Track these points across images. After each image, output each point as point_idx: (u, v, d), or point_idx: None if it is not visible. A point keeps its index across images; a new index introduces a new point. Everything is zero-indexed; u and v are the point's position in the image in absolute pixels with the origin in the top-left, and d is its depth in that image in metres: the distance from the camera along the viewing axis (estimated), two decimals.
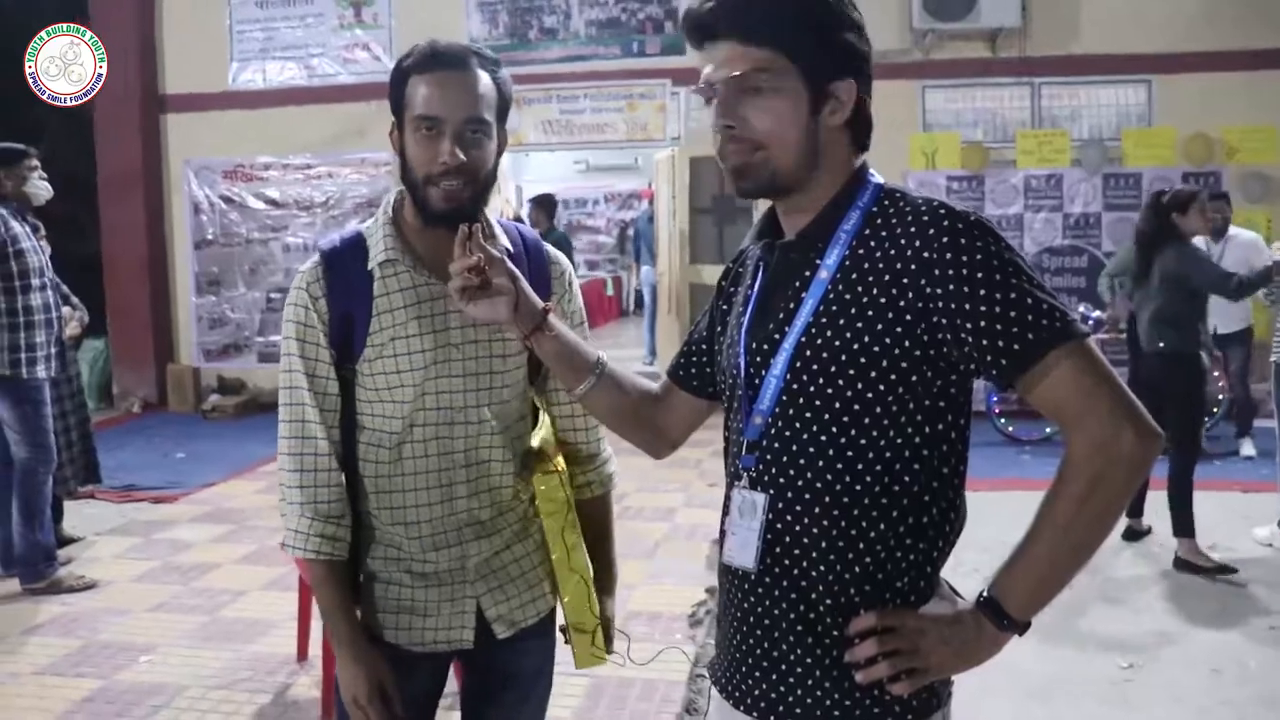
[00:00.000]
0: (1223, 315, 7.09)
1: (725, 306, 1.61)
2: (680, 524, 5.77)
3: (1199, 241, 7.18)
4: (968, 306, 1.28)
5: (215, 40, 9.69)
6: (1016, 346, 1.27)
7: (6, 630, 4.36)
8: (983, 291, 1.27)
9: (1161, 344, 5.11)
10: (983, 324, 1.27)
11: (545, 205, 9.29)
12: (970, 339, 1.29)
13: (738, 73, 1.36)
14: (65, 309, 5.38)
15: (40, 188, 4.90)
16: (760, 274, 1.50)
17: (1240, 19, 8.23)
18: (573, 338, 1.69)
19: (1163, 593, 4.68)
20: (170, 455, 7.82)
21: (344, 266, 1.79)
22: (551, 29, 9.26)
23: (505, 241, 1.85)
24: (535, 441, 1.92)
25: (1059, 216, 8.64)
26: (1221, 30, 8.24)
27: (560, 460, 1.92)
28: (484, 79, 1.73)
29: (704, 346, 1.66)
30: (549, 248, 1.96)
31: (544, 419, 1.97)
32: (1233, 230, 7.21)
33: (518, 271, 1.63)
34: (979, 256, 1.28)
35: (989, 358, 1.29)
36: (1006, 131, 8.73)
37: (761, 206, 1.55)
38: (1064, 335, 1.27)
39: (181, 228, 9.96)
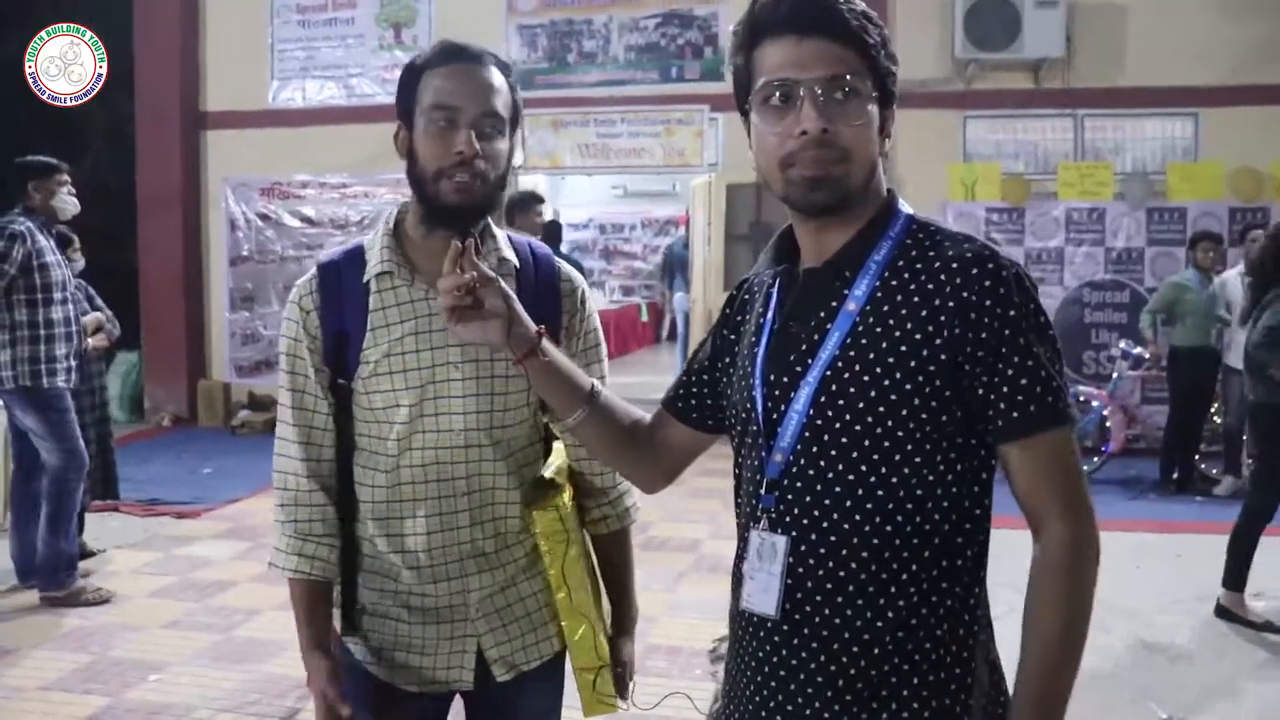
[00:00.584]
0: None
1: (733, 336, 1.53)
2: (705, 555, 5.66)
3: (1233, 275, 7.06)
4: (990, 359, 1.26)
5: (256, 58, 9.77)
6: (1016, 415, 1.26)
7: (18, 643, 4.32)
8: (1005, 350, 1.26)
9: (1251, 396, 4.89)
10: (996, 379, 1.26)
11: (550, 231, 9.21)
12: (981, 390, 1.27)
13: (833, 73, 1.27)
14: (94, 315, 5.38)
15: (68, 203, 4.91)
16: (776, 302, 1.41)
17: None
18: (568, 365, 1.58)
19: (1205, 642, 4.50)
20: (197, 470, 7.81)
21: (340, 279, 1.71)
22: (591, 53, 9.25)
23: (511, 255, 1.75)
24: (548, 472, 1.81)
25: (1100, 250, 8.46)
26: (1270, 63, 8.08)
27: (566, 494, 1.80)
28: (499, 76, 1.68)
29: (705, 377, 1.57)
30: (562, 264, 1.84)
31: (557, 447, 1.85)
32: None
33: (510, 292, 1.52)
34: (1013, 313, 1.26)
35: (989, 412, 1.28)
36: (1048, 163, 8.59)
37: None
38: (1061, 419, 1.27)
39: (218, 244, 10.02)
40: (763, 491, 1.35)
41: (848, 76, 1.28)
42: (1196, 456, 7.46)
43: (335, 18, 9.61)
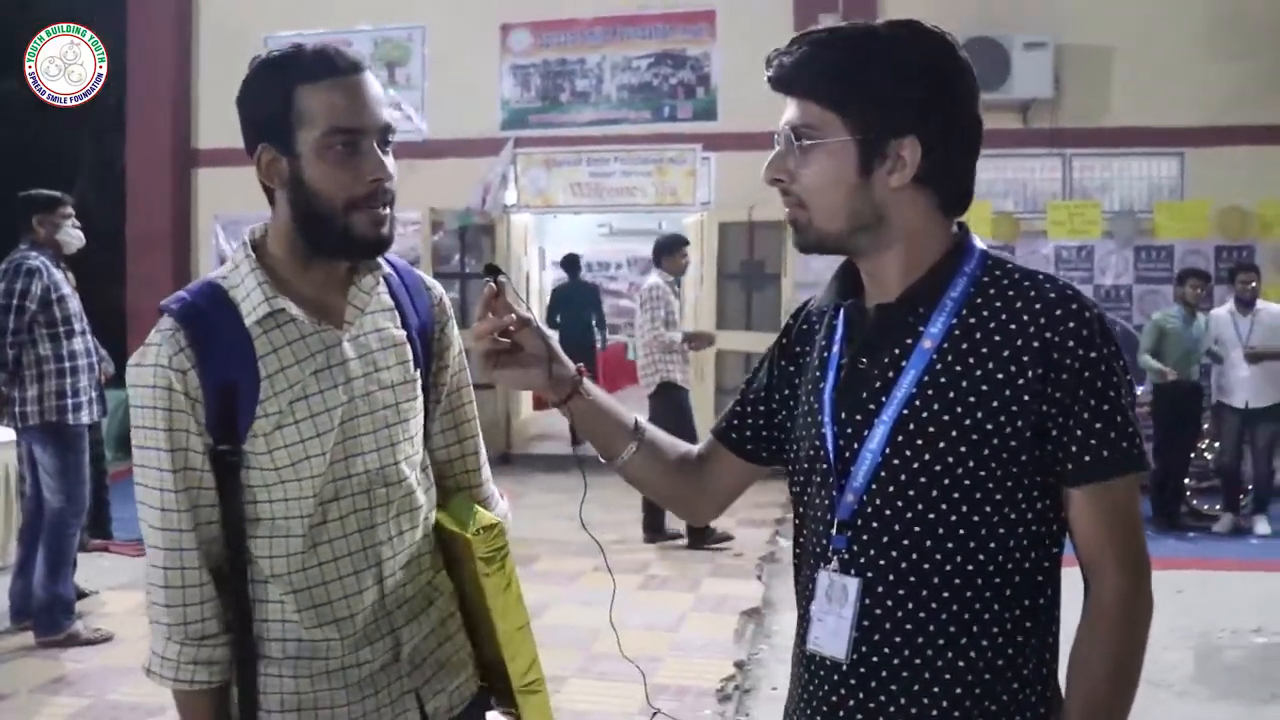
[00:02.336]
0: (1256, 389, 7.00)
1: (791, 368, 1.49)
2: (707, 595, 5.61)
3: (1224, 313, 7.15)
4: (1068, 401, 1.25)
5: None
6: (1088, 459, 1.26)
7: (15, 686, 4.24)
8: (1083, 392, 1.25)
9: None
10: (1071, 422, 1.25)
11: (569, 263, 9.82)
12: (1055, 432, 1.26)
13: (787, 127, 1.33)
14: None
15: (73, 236, 4.91)
16: (841, 336, 1.39)
17: (1274, 94, 8.20)
18: (610, 401, 1.54)
19: (1212, 677, 4.51)
20: None
21: (209, 326, 1.45)
22: (584, 92, 9.32)
23: (383, 263, 1.60)
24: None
25: (1089, 288, 8.53)
26: (1255, 105, 8.21)
27: (484, 514, 1.66)
28: (378, 84, 1.49)
29: (760, 408, 1.53)
30: (421, 273, 1.70)
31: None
32: (1261, 303, 7.15)
33: (548, 331, 1.49)
34: (1093, 355, 1.25)
35: (1060, 454, 1.26)
36: (1037, 202, 8.69)
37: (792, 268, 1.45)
38: (1135, 464, 1.27)
39: None
40: (834, 532, 1.33)
41: (802, 128, 1.31)
42: (1188, 493, 7.52)
43: None
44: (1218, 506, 7.35)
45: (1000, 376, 1.25)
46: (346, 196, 1.44)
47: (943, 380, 1.27)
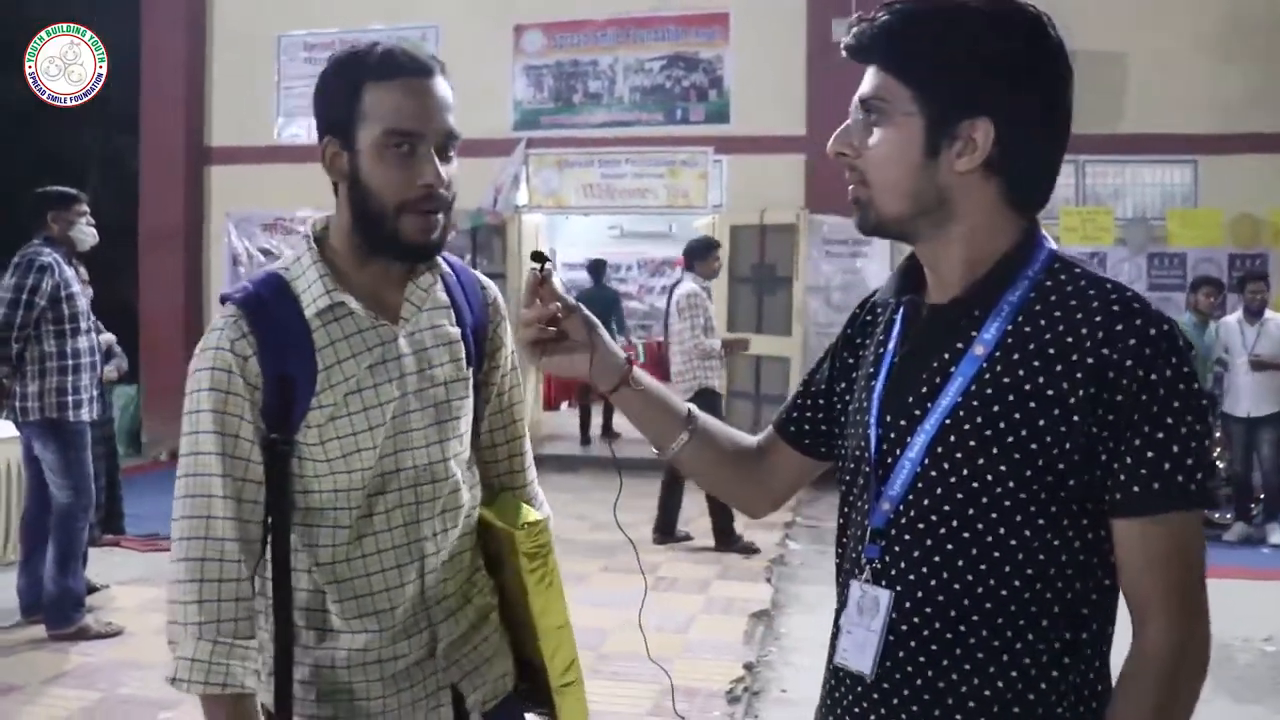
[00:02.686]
0: (1257, 398, 6.99)
1: (851, 360, 1.42)
2: (716, 597, 5.61)
3: (1232, 321, 7.14)
4: (1121, 425, 1.13)
5: (263, 94, 9.83)
6: (1137, 490, 1.13)
7: (26, 679, 4.25)
8: (1138, 417, 1.13)
9: None
10: (1122, 449, 1.13)
11: (595, 268, 10.03)
12: (1104, 457, 1.14)
13: (859, 98, 1.24)
14: (107, 336, 5.38)
15: (87, 233, 4.92)
16: (897, 334, 1.32)
17: None
18: (661, 390, 1.49)
19: (1224, 687, 4.48)
20: None
21: (271, 317, 1.46)
22: (596, 94, 9.32)
23: (441, 262, 1.62)
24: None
25: None
26: (1268, 112, 8.19)
27: (528, 510, 1.68)
28: (449, 87, 1.49)
29: (821, 401, 1.46)
30: (477, 273, 1.71)
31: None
32: (1270, 313, 7.12)
33: (595, 320, 1.44)
34: (1154, 377, 1.13)
35: (1108, 483, 1.15)
36: (1050, 208, 8.47)
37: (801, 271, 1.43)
38: (1191, 500, 1.14)
39: (219, 279, 10.00)
40: (868, 540, 1.26)
41: (872, 100, 1.23)
42: None
43: None
44: (1229, 515, 7.32)
45: (1050, 393, 1.15)
46: (398, 199, 1.44)
47: (990, 391, 1.18)
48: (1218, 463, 7.57)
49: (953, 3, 1.21)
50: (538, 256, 1.43)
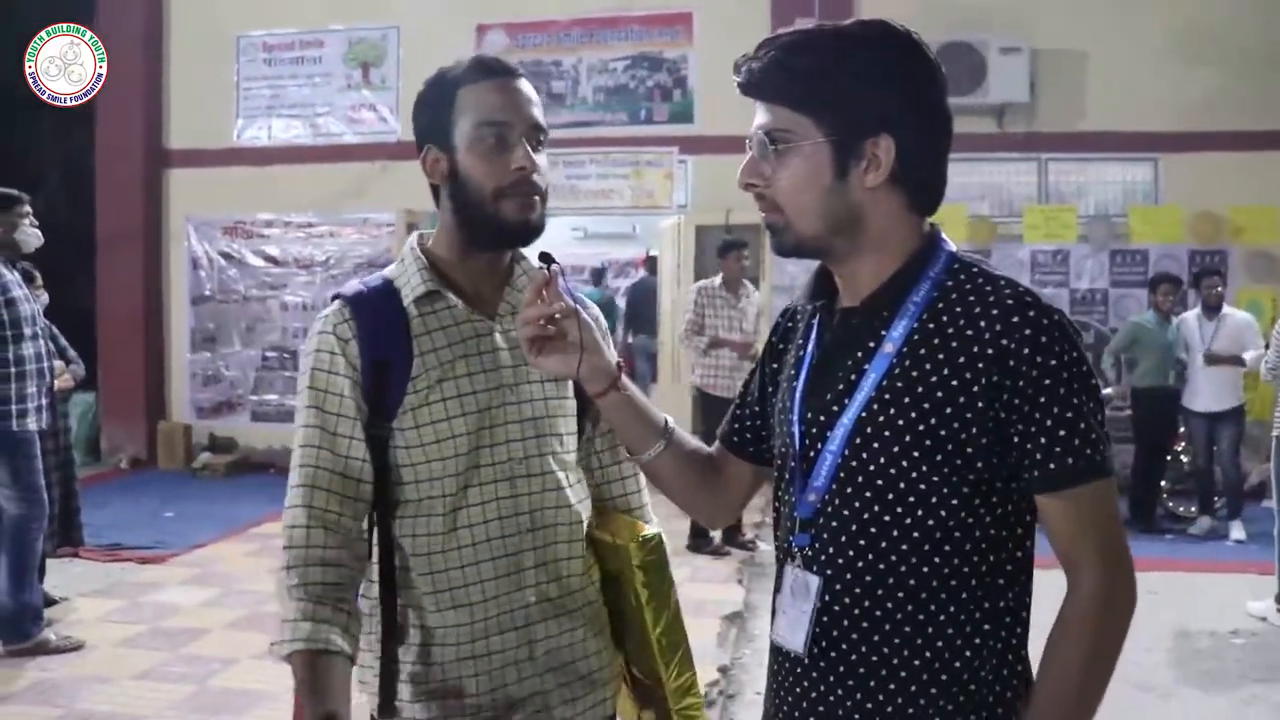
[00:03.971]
0: (1216, 393, 7.08)
1: (775, 365, 1.52)
2: (687, 599, 5.50)
3: (1190, 318, 7.22)
4: (1027, 409, 1.24)
5: (222, 96, 9.68)
6: (1054, 467, 1.24)
7: None
8: (1044, 399, 1.24)
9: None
10: (1033, 430, 1.24)
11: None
12: (1017, 440, 1.25)
13: (759, 132, 1.33)
14: (59, 362, 5.25)
15: (30, 235, 4.78)
16: (814, 337, 1.41)
17: (1246, 101, 8.27)
18: (643, 399, 1.57)
19: (1192, 679, 4.52)
20: (158, 514, 7.61)
21: (373, 308, 1.57)
22: (559, 94, 9.27)
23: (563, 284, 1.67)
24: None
25: (1065, 292, 8.58)
26: (1228, 111, 8.27)
27: (643, 526, 1.69)
28: (533, 89, 1.62)
29: (757, 409, 1.56)
30: (583, 296, 1.73)
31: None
32: (1227, 309, 7.22)
33: (593, 323, 1.51)
34: (1054, 362, 1.24)
35: (1025, 462, 1.26)
36: (1013, 206, 8.72)
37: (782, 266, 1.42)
38: (1100, 471, 1.26)
39: (179, 283, 9.85)
40: (797, 530, 1.36)
41: (775, 132, 1.31)
42: (1164, 495, 7.58)
43: (302, 56, 9.55)
44: (1194, 509, 7.40)
45: (955, 382, 1.25)
46: (495, 185, 1.54)
47: (900, 385, 1.28)
48: (1182, 456, 7.65)
49: (829, 31, 1.33)
50: (546, 258, 1.51)
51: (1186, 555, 6.58)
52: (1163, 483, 7.57)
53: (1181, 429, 7.54)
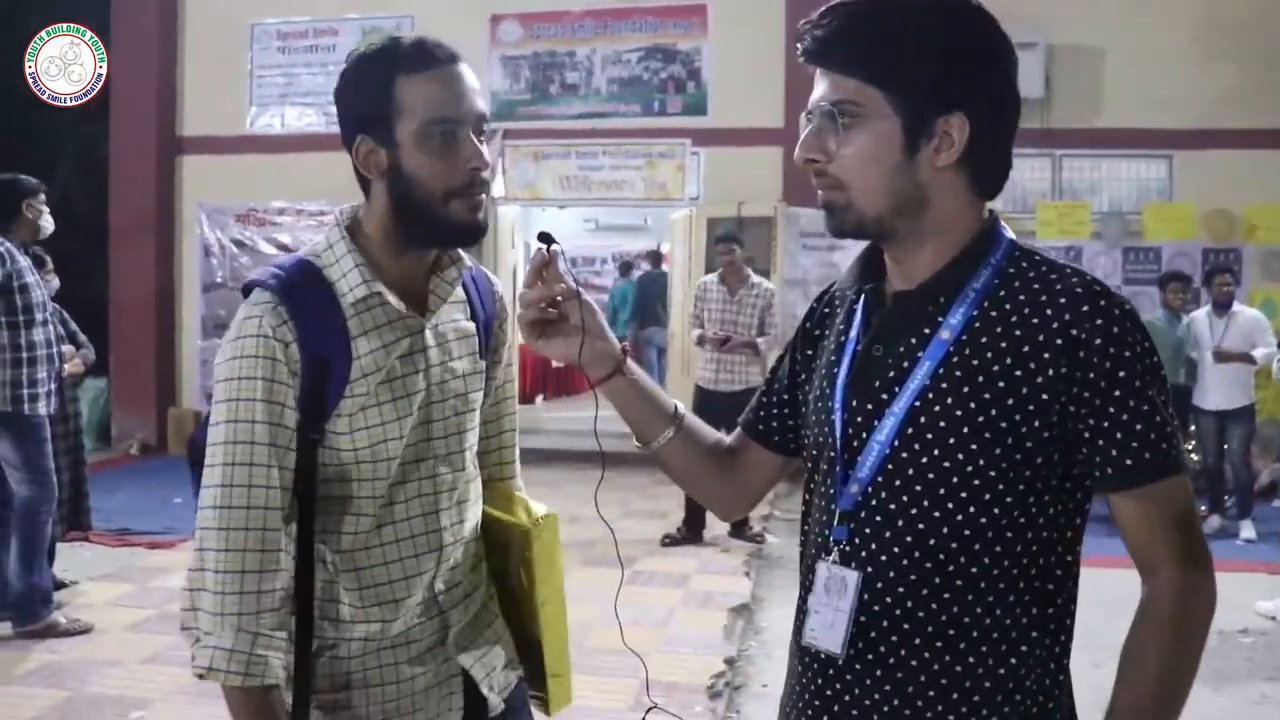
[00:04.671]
0: (1226, 391, 7.04)
1: (810, 351, 1.44)
2: (695, 591, 5.58)
3: (1201, 315, 7.19)
4: (1098, 402, 1.18)
5: (235, 84, 9.70)
6: (1130, 463, 1.18)
7: None
8: (1118, 393, 1.17)
9: None
10: (1106, 425, 1.18)
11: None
12: (1088, 436, 1.19)
13: (825, 104, 1.25)
14: (68, 347, 5.27)
15: (49, 222, 4.84)
16: (860, 321, 1.34)
17: (1262, 99, 8.23)
18: (651, 384, 1.50)
19: (1200, 676, 4.49)
20: (168, 500, 7.63)
21: (307, 304, 1.46)
22: (573, 85, 9.26)
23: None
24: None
25: None
26: (1243, 109, 8.24)
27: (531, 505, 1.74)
28: (472, 73, 1.52)
29: (785, 397, 1.48)
30: (486, 270, 1.74)
31: None
32: (1237, 306, 7.19)
33: (595, 306, 1.44)
34: (1128, 353, 1.18)
35: (1097, 459, 1.19)
36: (1026, 202, 8.69)
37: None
38: (1175, 467, 1.20)
39: (191, 270, 9.88)
40: (835, 522, 1.29)
41: (844, 104, 1.23)
42: None
43: (316, 44, 9.57)
44: (1204, 508, 7.38)
45: (1018, 373, 1.19)
46: (445, 185, 1.46)
47: (958, 374, 1.21)
48: (1192, 455, 7.63)
49: (902, 1, 1.24)
50: (545, 237, 1.42)
51: None
52: None
53: (1192, 427, 7.51)
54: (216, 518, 1.42)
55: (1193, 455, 7.63)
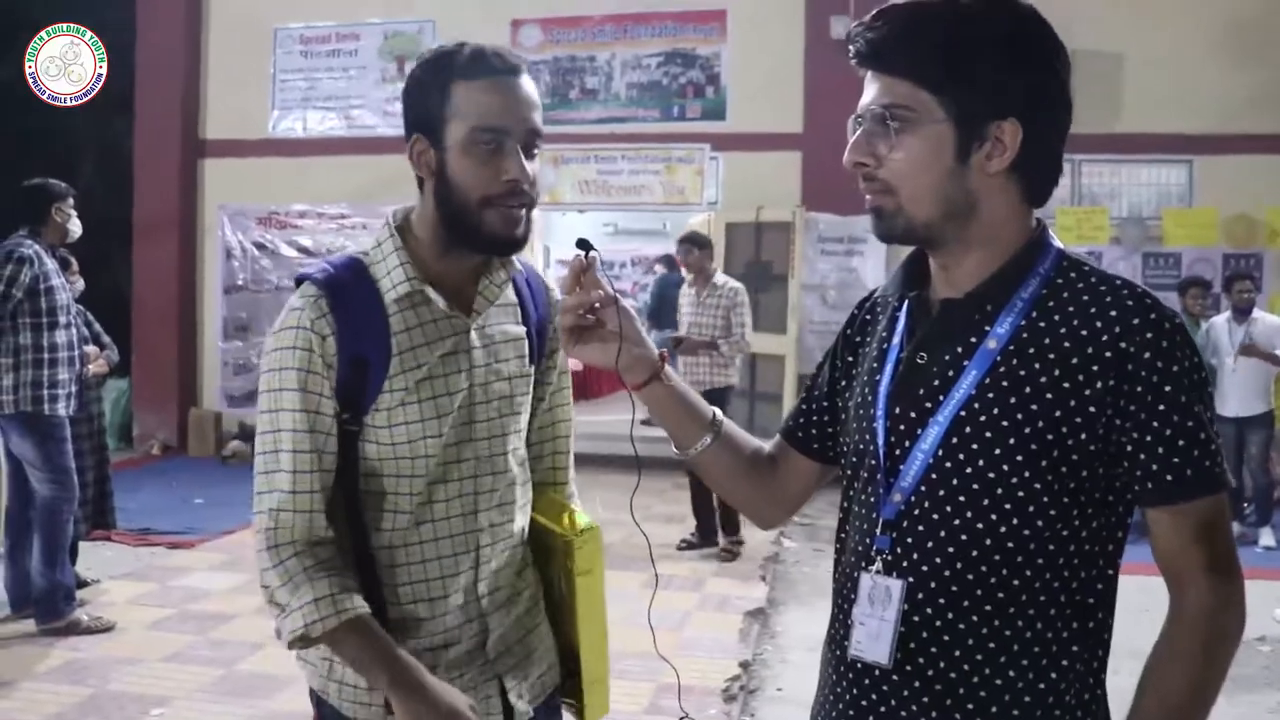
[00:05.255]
0: (1244, 398, 7.01)
1: (851, 358, 1.43)
2: (710, 594, 5.60)
3: (1221, 321, 7.15)
4: (1144, 416, 1.17)
5: (258, 88, 9.77)
6: (1170, 478, 1.17)
7: (15, 675, 4.22)
8: (1163, 407, 1.17)
9: None
10: (1150, 439, 1.17)
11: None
12: (1130, 449, 1.18)
13: (876, 107, 1.23)
14: (92, 348, 5.34)
15: (75, 225, 4.92)
16: (903, 329, 1.33)
17: None
18: (689, 390, 1.49)
19: None
20: (189, 500, 7.71)
21: (350, 299, 1.50)
22: (593, 89, 9.29)
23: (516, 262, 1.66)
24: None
25: None
26: (1263, 113, 8.18)
27: (578, 516, 1.73)
28: (534, 86, 1.54)
29: (825, 404, 1.47)
30: (541, 274, 1.76)
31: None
32: (1257, 312, 7.15)
33: (632, 312, 1.44)
34: (1176, 368, 1.17)
35: (1138, 473, 1.19)
36: (1046, 207, 8.58)
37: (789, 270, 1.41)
38: (1217, 484, 1.19)
39: (213, 272, 9.96)
40: (878, 531, 1.28)
41: (895, 108, 1.22)
42: None
43: (338, 49, 9.63)
44: None
45: (1067, 385, 1.18)
46: (483, 193, 1.48)
47: (1005, 383, 1.20)
48: None
49: (953, 3, 1.22)
50: (583, 244, 1.44)
51: None
52: None
53: None
54: (263, 502, 1.49)
55: None
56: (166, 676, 4.27)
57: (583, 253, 1.42)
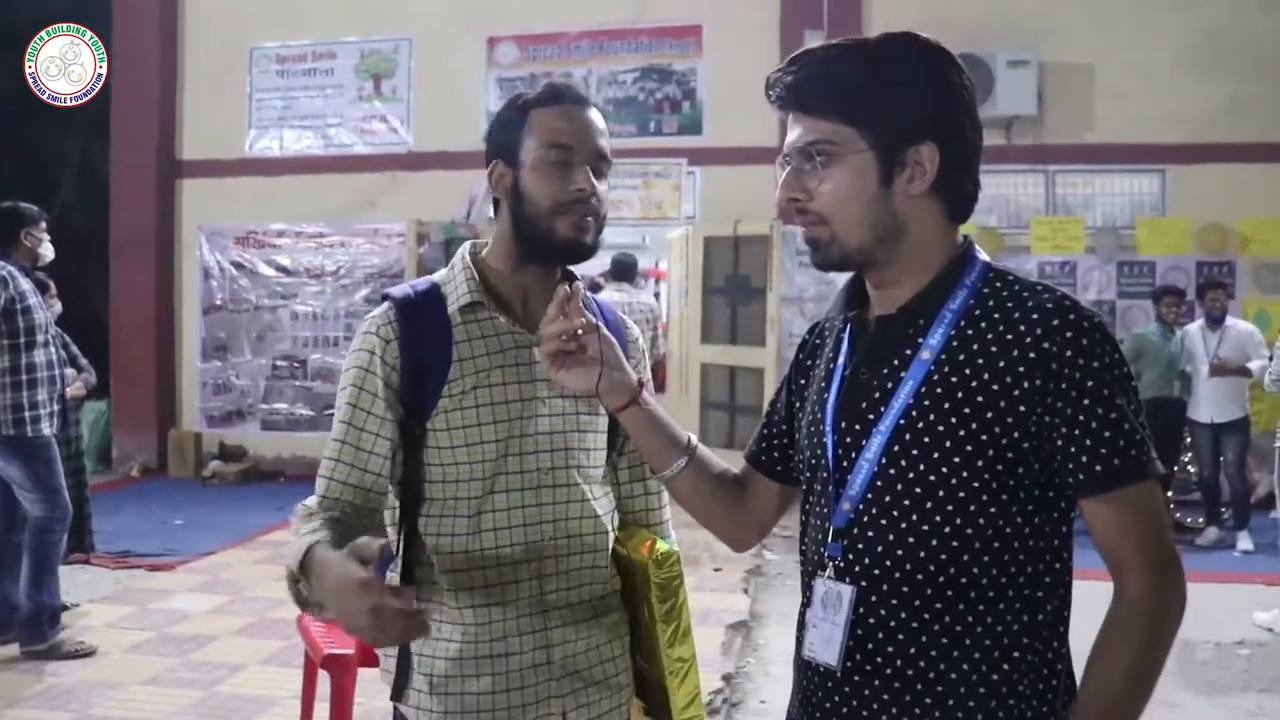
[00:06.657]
0: (1220, 404, 7.11)
1: (803, 381, 1.51)
2: (693, 608, 5.54)
3: (1195, 329, 7.24)
4: (1070, 411, 1.24)
5: (234, 107, 9.76)
6: (1099, 469, 1.23)
7: None
8: (1087, 402, 1.24)
9: None
10: (1077, 432, 1.24)
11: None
12: (1060, 443, 1.25)
13: (802, 144, 1.33)
14: (70, 371, 5.31)
15: (49, 249, 4.92)
16: (847, 348, 1.41)
17: (1253, 113, 8.28)
18: (665, 416, 1.57)
19: (1197, 688, 4.52)
20: (168, 521, 7.66)
21: (418, 312, 1.64)
22: None
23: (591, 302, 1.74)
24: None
25: None
26: (1235, 123, 8.29)
27: (659, 541, 1.72)
28: (603, 120, 1.69)
29: (784, 428, 1.55)
30: (624, 317, 1.84)
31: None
32: (1230, 320, 7.25)
33: (614, 339, 1.53)
34: (1097, 364, 1.24)
35: (1070, 465, 1.25)
36: (1020, 218, 8.73)
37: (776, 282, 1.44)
38: (1144, 472, 1.25)
39: (191, 292, 9.92)
40: (829, 539, 1.35)
41: (820, 144, 1.31)
42: (1171, 505, 7.58)
43: (315, 68, 9.63)
44: (1200, 519, 7.40)
45: (995, 388, 1.25)
46: (553, 201, 1.60)
47: (939, 391, 1.27)
48: (1189, 467, 7.65)
49: (863, 43, 1.34)
50: (567, 275, 1.62)
51: (1193, 566, 6.34)
52: (1169, 493, 7.57)
53: (1188, 440, 7.54)
54: (320, 470, 1.63)
55: (1189, 468, 7.67)
56: (147, 700, 4.24)
57: (566, 282, 1.52)
